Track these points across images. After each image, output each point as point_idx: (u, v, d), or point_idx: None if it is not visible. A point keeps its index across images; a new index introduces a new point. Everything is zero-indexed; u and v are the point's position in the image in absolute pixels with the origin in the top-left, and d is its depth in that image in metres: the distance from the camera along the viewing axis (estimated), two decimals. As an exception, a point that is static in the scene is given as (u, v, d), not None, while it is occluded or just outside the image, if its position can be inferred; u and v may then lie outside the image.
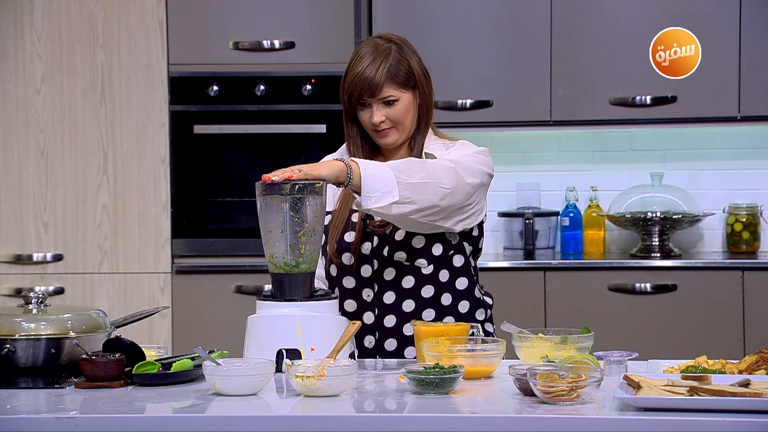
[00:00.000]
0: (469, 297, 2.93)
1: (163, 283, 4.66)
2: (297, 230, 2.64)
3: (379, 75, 2.83)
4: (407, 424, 2.19)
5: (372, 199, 2.64)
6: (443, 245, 2.89)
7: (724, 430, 2.09)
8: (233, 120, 4.67)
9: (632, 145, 5.04)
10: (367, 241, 2.88)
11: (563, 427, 2.14)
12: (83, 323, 2.58)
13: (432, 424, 2.18)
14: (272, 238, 2.65)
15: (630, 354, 2.54)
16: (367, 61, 2.84)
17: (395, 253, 2.87)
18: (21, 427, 2.20)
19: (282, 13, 4.65)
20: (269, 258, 2.67)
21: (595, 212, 4.94)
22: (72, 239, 4.69)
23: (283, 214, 2.64)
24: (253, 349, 2.63)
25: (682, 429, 2.10)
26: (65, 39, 4.68)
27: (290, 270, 2.65)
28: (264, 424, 2.21)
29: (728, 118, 4.68)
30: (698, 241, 4.99)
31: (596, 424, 2.15)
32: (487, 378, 2.53)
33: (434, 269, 2.89)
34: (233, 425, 2.20)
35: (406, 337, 2.88)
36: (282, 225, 2.64)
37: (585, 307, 4.57)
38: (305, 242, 2.65)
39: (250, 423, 2.21)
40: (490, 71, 4.74)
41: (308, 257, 2.65)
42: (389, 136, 2.88)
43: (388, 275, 2.88)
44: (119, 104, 4.67)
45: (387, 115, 2.86)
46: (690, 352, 3.42)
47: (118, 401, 2.34)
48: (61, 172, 4.69)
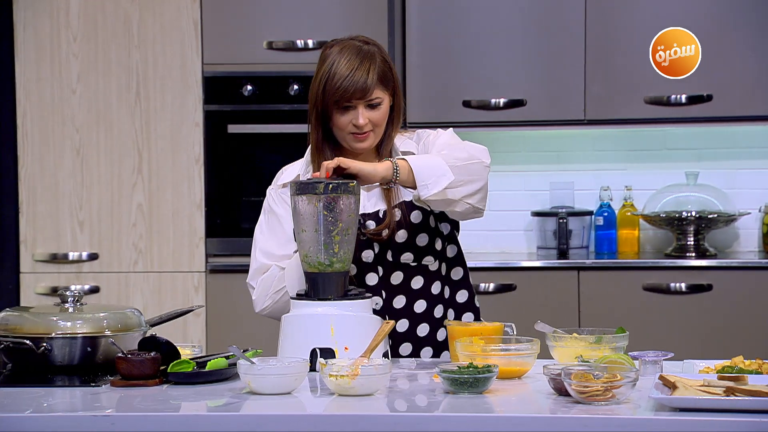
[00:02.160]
0: (467, 286, 2.93)
1: (197, 282, 4.68)
2: (331, 229, 2.65)
3: (370, 77, 2.79)
4: (441, 424, 2.19)
5: (428, 186, 2.67)
6: (441, 239, 2.88)
7: (761, 430, 2.08)
8: (267, 119, 4.68)
9: (667, 144, 5.01)
10: (368, 249, 2.84)
11: (598, 427, 2.13)
12: (118, 322, 2.60)
13: (466, 423, 2.18)
14: (306, 237, 2.66)
15: (665, 354, 2.53)
16: (355, 63, 2.79)
17: (401, 256, 2.84)
18: (57, 425, 2.22)
19: (315, 12, 4.66)
20: (303, 257, 2.67)
21: (629, 212, 4.92)
22: (107, 238, 4.72)
23: (317, 213, 2.64)
24: (287, 348, 2.63)
25: (719, 429, 2.09)
26: (101, 39, 4.70)
27: (324, 269, 2.65)
28: (298, 423, 2.22)
29: (764, 117, 4.65)
30: (734, 241, 4.95)
31: (631, 425, 2.14)
32: (521, 378, 2.52)
33: (439, 265, 2.88)
34: (267, 424, 2.21)
35: (420, 338, 2.86)
36: (316, 224, 2.64)
37: (619, 307, 4.55)
38: (339, 242, 2.65)
39: (284, 422, 2.21)
40: (523, 70, 4.73)
41: (342, 257, 2.65)
42: (367, 140, 2.84)
43: (396, 279, 2.85)
44: (154, 104, 4.70)
45: (370, 118, 2.82)
46: (726, 352, 3.39)
47: (154, 400, 2.35)
48: (97, 172, 4.72)
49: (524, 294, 4.60)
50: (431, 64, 4.76)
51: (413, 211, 2.86)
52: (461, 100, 4.74)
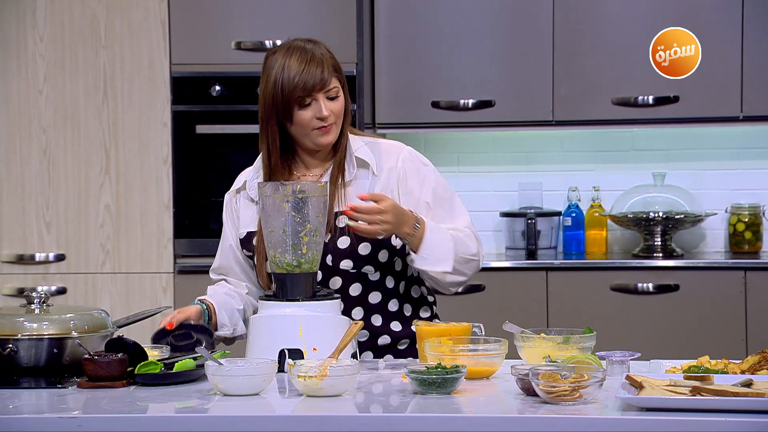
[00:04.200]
0: (411, 299, 2.92)
1: (165, 283, 4.66)
2: (299, 230, 2.64)
3: (326, 68, 2.80)
4: (409, 424, 2.19)
5: (426, 261, 2.78)
6: (389, 251, 2.86)
7: (727, 430, 2.09)
8: (235, 120, 4.67)
9: (634, 145, 5.03)
10: None
11: (565, 427, 2.14)
12: (85, 323, 2.58)
13: (434, 424, 2.18)
14: (274, 238, 2.65)
15: (632, 354, 2.54)
16: (306, 57, 2.80)
17: (341, 262, 2.83)
18: (24, 427, 2.21)
19: (284, 13, 4.65)
20: (271, 258, 2.67)
21: (597, 212, 4.94)
22: (74, 239, 4.69)
23: (285, 213, 2.64)
24: (255, 349, 2.63)
25: (685, 429, 2.10)
26: (67, 39, 4.68)
27: (292, 270, 2.64)
28: (266, 424, 2.21)
29: (730, 118, 4.68)
30: (700, 241, 4.98)
31: (598, 424, 2.15)
32: (489, 378, 2.53)
33: (381, 276, 2.87)
34: (235, 425, 2.20)
35: (360, 343, 2.85)
36: (284, 225, 2.64)
37: (587, 307, 4.57)
38: (307, 242, 2.64)
39: (253, 423, 2.21)
40: (492, 71, 4.74)
41: (310, 258, 2.65)
42: (331, 132, 2.83)
43: (334, 284, 2.84)
44: (121, 104, 4.68)
45: (332, 109, 2.82)
46: (692, 352, 3.41)
47: (121, 401, 2.34)
48: (64, 172, 4.69)
49: (493, 294, 4.61)
50: (400, 65, 4.77)
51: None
52: (430, 101, 4.75)
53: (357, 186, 2.86)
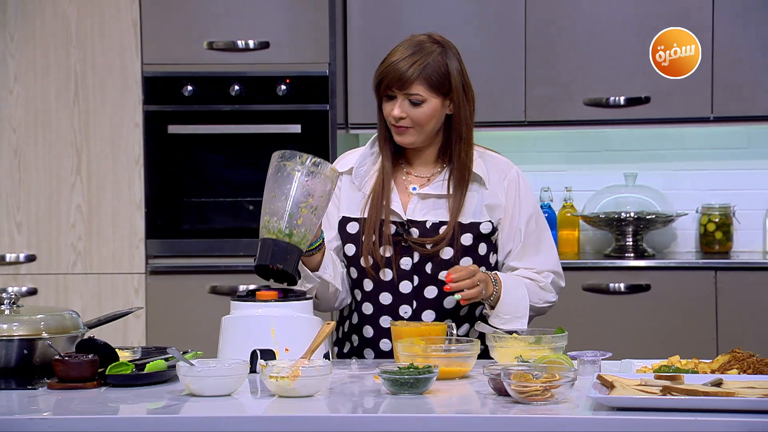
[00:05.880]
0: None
1: (137, 284, 4.64)
2: (301, 201, 2.63)
3: (412, 70, 2.77)
4: (382, 425, 2.19)
5: (500, 319, 2.79)
6: (486, 269, 2.85)
7: (697, 429, 2.10)
8: (208, 120, 4.66)
9: (607, 146, 5.05)
10: (407, 257, 2.82)
11: (537, 426, 2.15)
12: (56, 324, 2.57)
13: (406, 424, 2.18)
14: (274, 202, 2.63)
15: (603, 354, 2.55)
16: (406, 53, 2.79)
17: (440, 273, 2.81)
18: (-7, 429, 2.20)
19: (256, 13, 4.64)
20: (264, 223, 2.64)
21: (569, 212, 4.96)
22: (45, 240, 4.67)
23: (293, 181, 2.62)
24: (227, 349, 2.62)
25: (655, 428, 2.11)
26: (39, 39, 4.65)
27: (282, 237, 2.62)
28: (238, 424, 2.21)
29: (701, 119, 4.71)
30: (672, 242, 5.01)
31: (570, 424, 2.15)
32: (461, 378, 2.53)
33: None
34: (207, 426, 2.20)
35: None
36: (287, 192, 2.62)
37: (559, 307, 4.57)
38: (304, 215, 2.63)
39: (224, 424, 2.21)
40: (464, 72, 4.74)
41: (302, 232, 2.63)
42: (406, 135, 2.82)
43: (430, 293, 2.84)
44: (93, 104, 4.66)
45: (409, 114, 2.80)
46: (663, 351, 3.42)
47: (92, 402, 2.34)
48: (35, 173, 4.66)
49: (465, 295, 4.61)
50: (373, 66, 4.70)
51: (465, 233, 2.84)
52: (403, 102, 4.75)
53: (469, 196, 2.85)
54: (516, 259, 2.88)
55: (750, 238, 4.93)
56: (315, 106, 4.60)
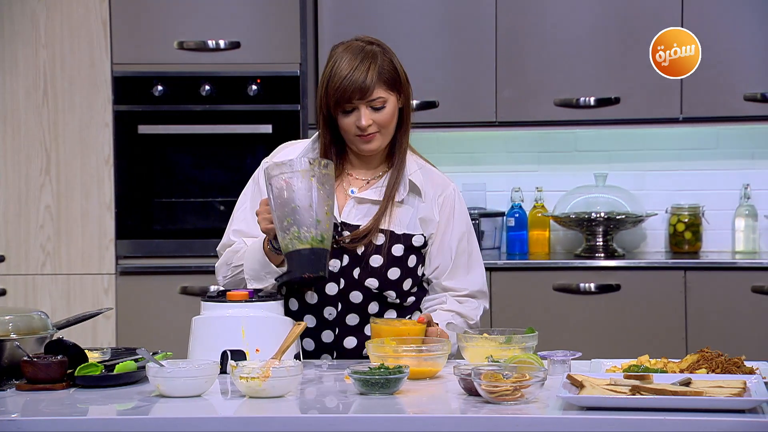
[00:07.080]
0: None
1: (107, 285, 4.62)
2: (324, 206, 2.61)
3: (370, 77, 2.77)
4: (352, 425, 2.19)
5: None
6: (413, 280, 2.87)
7: (666, 429, 2.11)
8: (178, 120, 4.64)
9: (577, 146, 5.07)
10: (336, 258, 2.82)
11: (507, 426, 2.15)
12: (25, 325, 2.56)
13: (377, 424, 2.18)
14: (299, 213, 2.59)
15: (573, 353, 2.56)
16: (355, 62, 2.78)
17: (367, 279, 2.82)
18: (-39, 431, 2.18)
19: (227, 13, 4.63)
20: (293, 236, 2.59)
21: (540, 213, 4.97)
22: (14, 240, 4.64)
23: (312, 188, 2.61)
24: (197, 350, 2.62)
25: (624, 428, 2.12)
26: (7, 37, 4.62)
27: (317, 245, 2.60)
28: (208, 425, 2.21)
29: (670, 120, 4.73)
30: (641, 242, 5.03)
31: (540, 424, 2.16)
32: (432, 378, 2.53)
33: (400, 301, 2.87)
34: (177, 427, 2.19)
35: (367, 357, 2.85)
36: (310, 199, 2.60)
37: (530, 307, 4.60)
38: (329, 218, 2.62)
39: (195, 424, 2.20)
40: (436, 72, 4.75)
41: (329, 233, 2.63)
42: (374, 141, 2.82)
43: (355, 298, 2.84)
44: (62, 104, 4.63)
45: (374, 119, 2.79)
46: (633, 351, 3.45)
47: (61, 403, 2.32)
48: (3, 173, 4.63)
49: (436, 295, 4.62)
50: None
51: (396, 244, 2.84)
52: (374, 102, 4.75)
53: (405, 208, 2.86)
54: (448, 278, 2.91)
55: (719, 238, 4.96)
56: (286, 106, 4.60)
